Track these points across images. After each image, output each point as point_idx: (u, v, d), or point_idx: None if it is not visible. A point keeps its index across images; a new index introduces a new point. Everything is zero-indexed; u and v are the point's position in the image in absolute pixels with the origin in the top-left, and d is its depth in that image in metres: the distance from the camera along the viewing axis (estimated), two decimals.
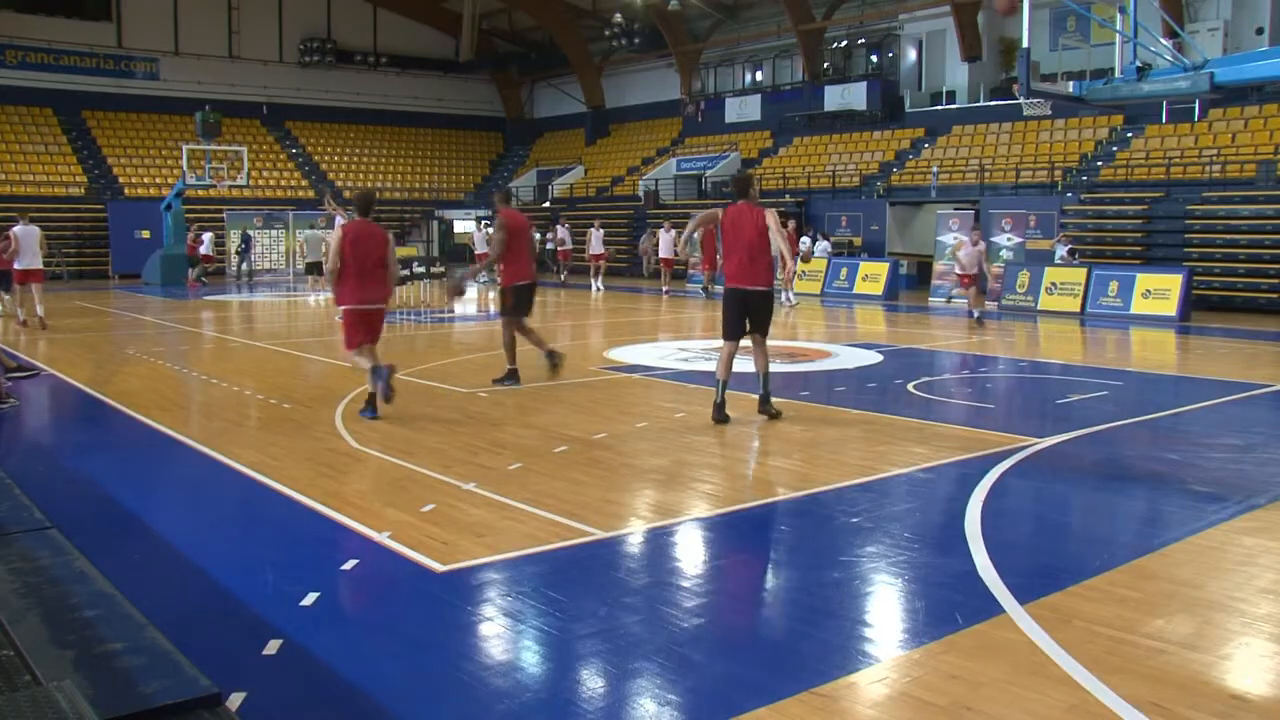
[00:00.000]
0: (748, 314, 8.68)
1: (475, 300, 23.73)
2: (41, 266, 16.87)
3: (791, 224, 23.02)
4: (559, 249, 30.38)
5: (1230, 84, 9.07)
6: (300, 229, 32.28)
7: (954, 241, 22.62)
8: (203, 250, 29.49)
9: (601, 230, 28.64)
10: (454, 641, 4.24)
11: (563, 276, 30.16)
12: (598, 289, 26.80)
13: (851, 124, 33.49)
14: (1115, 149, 25.99)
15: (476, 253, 31.02)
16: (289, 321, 19.72)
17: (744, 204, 8.66)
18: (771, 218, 8.51)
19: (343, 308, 8.89)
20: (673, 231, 26.72)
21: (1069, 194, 24.40)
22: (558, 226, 30.86)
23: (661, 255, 26.75)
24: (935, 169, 27.93)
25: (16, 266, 16.35)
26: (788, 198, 30.28)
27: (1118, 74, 9.32)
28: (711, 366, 12.32)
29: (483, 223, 33.70)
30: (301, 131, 42.29)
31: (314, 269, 25.01)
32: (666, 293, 25.47)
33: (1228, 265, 20.81)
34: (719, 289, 23.41)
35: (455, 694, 3.75)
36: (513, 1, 41.32)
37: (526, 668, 4.03)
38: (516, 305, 10.42)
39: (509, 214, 10.59)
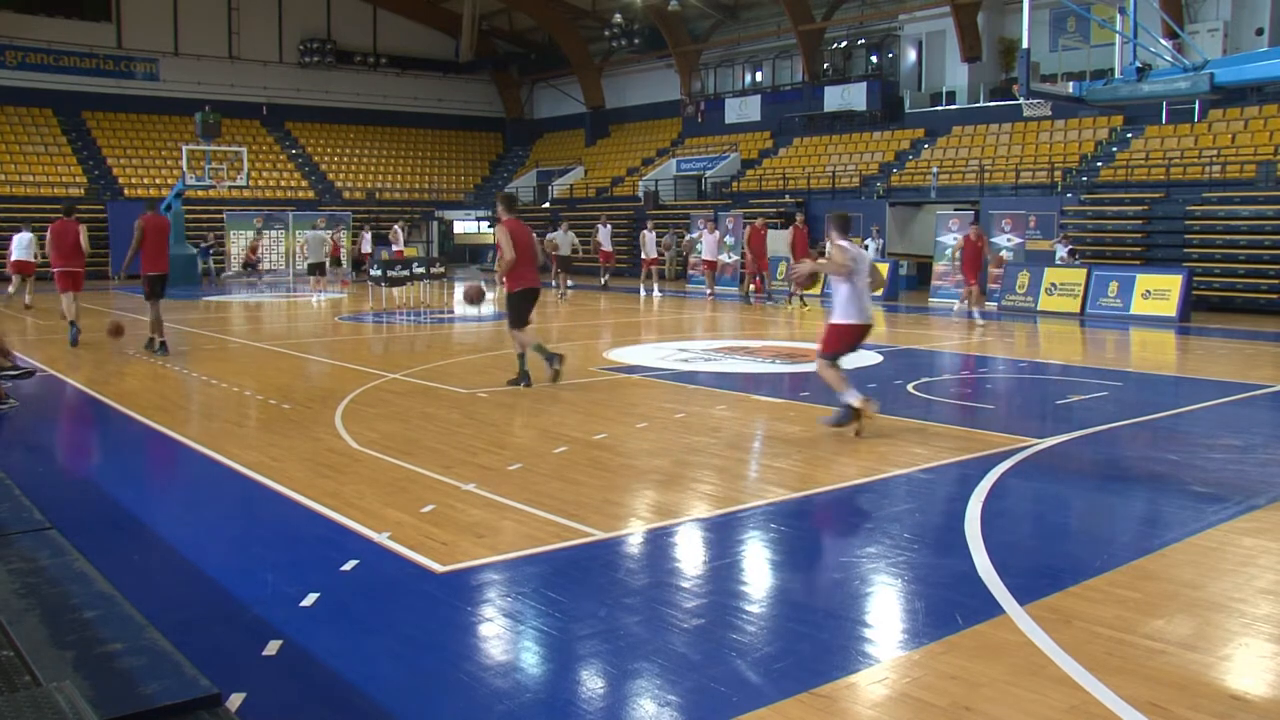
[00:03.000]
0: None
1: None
2: (32, 261, 20.85)
3: (800, 217, 22.74)
4: (600, 251, 27.94)
5: (1230, 85, 9.08)
6: (301, 229, 32.30)
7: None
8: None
9: (654, 233, 26.71)
10: (454, 642, 4.24)
11: (604, 280, 27.91)
12: (655, 293, 25.10)
13: (851, 124, 33.50)
14: (1115, 149, 25.99)
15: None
16: (289, 322, 19.71)
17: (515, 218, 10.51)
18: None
19: (55, 269, 14.15)
20: (717, 232, 25.14)
21: (1069, 194, 24.40)
22: (599, 227, 28.20)
23: (704, 257, 24.99)
24: (935, 170, 27.93)
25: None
26: (787, 198, 30.29)
27: (1118, 75, 9.34)
28: (711, 368, 12.37)
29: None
30: (301, 132, 42.29)
31: (316, 269, 25.01)
32: (710, 295, 24.20)
33: (1227, 266, 20.81)
34: (762, 294, 22.79)
35: (455, 694, 3.75)
36: (513, 2, 41.33)
37: (526, 668, 4.03)
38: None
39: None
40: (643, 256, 26.58)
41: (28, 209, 29.90)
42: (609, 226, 28.40)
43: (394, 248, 27.92)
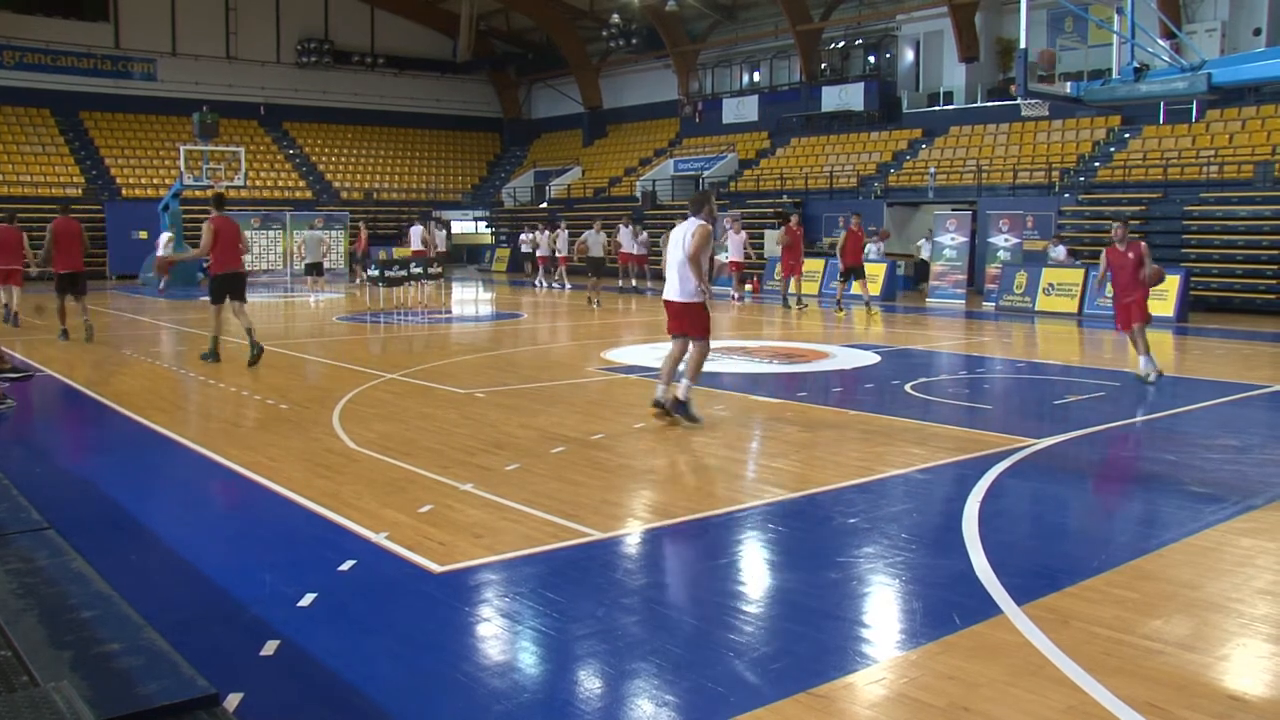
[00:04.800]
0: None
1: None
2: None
3: (794, 218, 22.16)
4: (620, 252, 26.74)
5: (1228, 85, 9.11)
6: (298, 229, 32.29)
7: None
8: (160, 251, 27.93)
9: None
10: (452, 642, 4.24)
11: (633, 281, 26.88)
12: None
13: (849, 125, 33.51)
14: (1113, 150, 26.01)
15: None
16: (286, 322, 19.70)
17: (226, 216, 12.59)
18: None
19: None
20: (743, 233, 23.36)
21: (1066, 195, 24.42)
22: (620, 227, 27.11)
23: (730, 258, 22.99)
24: (933, 170, 27.95)
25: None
26: (785, 198, 30.29)
27: (1115, 75, 9.35)
28: (708, 368, 12.33)
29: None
30: (299, 132, 42.27)
31: (313, 269, 24.98)
32: (738, 298, 22.97)
33: (1225, 266, 20.82)
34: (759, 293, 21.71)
35: (453, 694, 3.75)
36: (510, 2, 41.32)
37: (524, 668, 4.03)
38: None
39: None
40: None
41: (25, 209, 29.84)
42: (631, 227, 27.46)
43: (439, 247, 26.15)
